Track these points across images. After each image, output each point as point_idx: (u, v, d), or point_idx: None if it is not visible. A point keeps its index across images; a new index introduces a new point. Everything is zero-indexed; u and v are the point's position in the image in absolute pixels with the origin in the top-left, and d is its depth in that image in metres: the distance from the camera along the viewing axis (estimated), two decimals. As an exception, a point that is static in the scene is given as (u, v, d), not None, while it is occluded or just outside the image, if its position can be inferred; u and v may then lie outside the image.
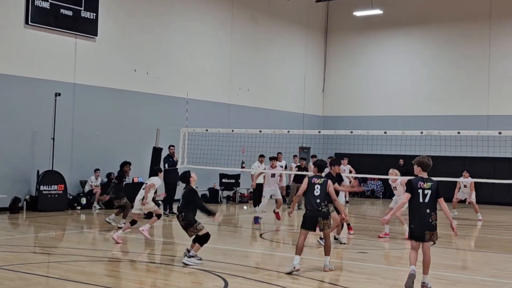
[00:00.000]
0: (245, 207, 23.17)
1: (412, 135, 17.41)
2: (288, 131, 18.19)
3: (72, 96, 20.07)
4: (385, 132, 17.01)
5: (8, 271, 9.75)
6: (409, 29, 29.57)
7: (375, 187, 29.07)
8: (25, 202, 18.65)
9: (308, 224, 10.51)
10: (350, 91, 30.70)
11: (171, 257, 11.84)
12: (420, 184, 9.05)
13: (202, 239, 10.98)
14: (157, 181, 14.14)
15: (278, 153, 22.81)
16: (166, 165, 19.01)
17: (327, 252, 10.64)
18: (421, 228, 9.00)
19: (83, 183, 20.30)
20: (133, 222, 13.72)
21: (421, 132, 16.11)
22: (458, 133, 15.64)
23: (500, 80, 27.03)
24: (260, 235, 14.94)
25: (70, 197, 19.63)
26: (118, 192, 16.03)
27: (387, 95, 29.50)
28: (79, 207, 19.62)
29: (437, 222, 9.09)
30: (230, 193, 24.78)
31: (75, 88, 20.16)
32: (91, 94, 20.60)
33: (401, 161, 26.08)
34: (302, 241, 10.45)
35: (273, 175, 17.63)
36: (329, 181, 10.72)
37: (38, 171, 18.79)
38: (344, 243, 13.69)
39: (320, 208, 10.45)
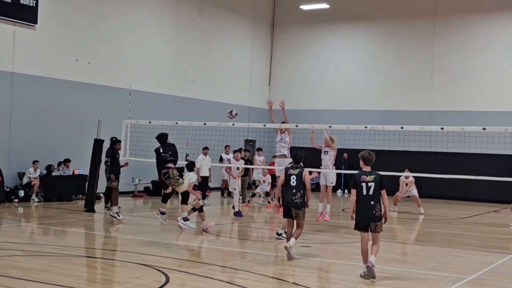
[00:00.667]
0: (205, 202, 22.88)
1: (356, 130, 17.50)
2: (233, 124, 18.03)
3: (10, 86, 19.43)
4: (330, 126, 17.06)
5: None
6: (355, 24, 29.79)
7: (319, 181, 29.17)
8: (-41, 195, 18.00)
9: (287, 213, 11.06)
10: (296, 84, 30.75)
11: (111, 251, 11.57)
12: (363, 178, 9.44)
13: (185, 196, 12.15)
14: (194, 177, 15.32)
15: (226, 146, 22.69)
16: (109, 158, 18.58)
17: (296, 236, 11.10)
18: (366, 220, 9.46)
19: (21, 175, 19.69)
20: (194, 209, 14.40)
21: (365, 127, 16.21)
22: (402, 128, 15.78)
23: (443, 76, 27.51)
24: (204, 230, 14.75)
25: (7, 190, 19.04)
26: (115, 171, 16.58)
27: (333, 89, 29.67)
28: (16, 200, 19.03)
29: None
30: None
31: (13, 77, 19.50)
32: (30, 83, 19.98)
33: (345, 155, 26.31)
34: (290, 229, 11.14)
35: (238, 168, 18.08)
36: (305, 171, 11.09)
37: (-27, 162, 18.16)
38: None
39: (294, 198, 10.86)
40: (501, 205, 23.84)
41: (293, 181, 10.98)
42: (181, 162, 22.18)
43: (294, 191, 10.94)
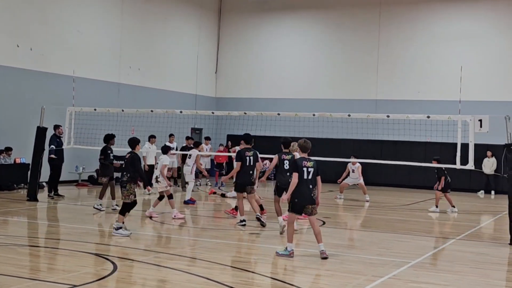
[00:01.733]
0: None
1: (305, 117, 17.62)
2: (181, 112, 17.89)
3: None
4: (279, 114, 17.10)
5: None
6: (302, 13, 29.87)
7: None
8: None
9: (280, 193, 12.49)
10: (243, 73, 30.68)
11: (55, 240, 11.35)
12: (304, 163, 10.20)
13: (126, 208, 11.83)
14: (166, 160, 14.86)
15: (170, 134, 22.49)
16: (53, 146, 18.22)
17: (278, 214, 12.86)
18: (305, 202, 10.15)
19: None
20: (161, 198, 14.72)
21: (314, 115, 16.31)
22: (349, 115, 15.95)
23: (388, 66, 27.88)
24: (150, 217, 14.62)
25: None
26: (104, 169, 16.08)
27: (281, 78, 29.70)
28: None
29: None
30: (119, 174, 24.10)
31: (-50, 63, 18.86)
32: (-31, 69, 19.36)
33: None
34: (278, 206, 12.87)
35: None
36: (296, 156, 12.15)
37: None
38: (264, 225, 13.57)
39: (289, 180, 11.21)
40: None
41: (286, 165, 12.60)
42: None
43: (288, 174, 12.21)
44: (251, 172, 13.34)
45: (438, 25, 27.25)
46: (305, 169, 10.17)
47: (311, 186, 10.19)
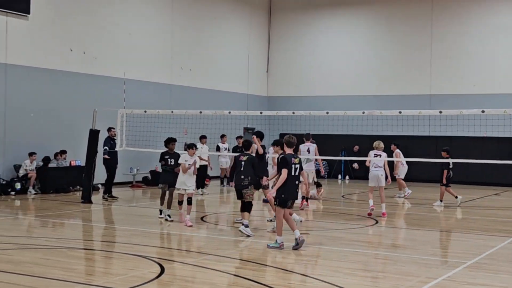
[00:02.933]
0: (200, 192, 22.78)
1: (354, 115, 17.33)
2: (229, 112, 17.84)
3: (4, 77, 19.21)
4: (327, 113, 16.84)
5: None
6: (353, 9, 29.49)
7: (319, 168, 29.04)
8: (-45, 189, 17.84)
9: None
10: (294, 71, 30.50)
11: (106, 242, 11.42)
12: (292, 160, 10.62)
13: (248, 207, 12.14)
14: (184, 158, 13.70)
15: (222, 135, 22.51)
16: (106, 147, 18.46)
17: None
18: (291, 197, 10.72)
19: (17, 168, 19.51)
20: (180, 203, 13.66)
21: (363, 112, 16.01)
22: (400, 112, 15.58)
23: (442, 59, 27.24)
24: (201, 218, 14.62)
25: (3, 182, 18.86)
26: (162, 175, 14.97)
27: (330, 75, 29.42)
28: (13, 193, 18.86)
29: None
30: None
31: (6, 68, 19.28)
32: (24, 75, 19.77)
33: (356, 147, 26.11)
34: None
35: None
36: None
37: (-32, 156, 17.98)
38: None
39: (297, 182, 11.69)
40: (501, 188, 23.71)
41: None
42: (180, 152, 22.16)
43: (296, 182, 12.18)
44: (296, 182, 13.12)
45: (493, 17, 26.47)
46: (293, 165, 10.61)
47: (297, 182, 10.82)
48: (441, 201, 17.68)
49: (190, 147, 13.75)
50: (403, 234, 13.56)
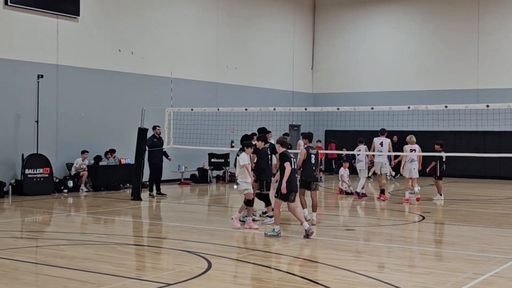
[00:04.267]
0: (235, 186, 22.95)
1: (399, 110, 17.26)
2: (274, 109, 17.98)
3: (56, 78, 19.74)
4: (372, 108, 16.83)
5: (-13, 257, 9.57)
6: (397, 4, 29.24)
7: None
8: (10, 187, 18.40)
9: (306, 185, 13.18)
10: (339, 67, 30.42)
11: (155, 238, 11.68)
12: (291, 155, 11.66)
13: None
14: (246, 158, 12.87)
15: (268, 131, 22.60)
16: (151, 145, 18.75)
17: (314, 209, 13.23)
18: (293, 190, 11.45)
19: (69, 166, 20.04)
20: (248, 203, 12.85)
21: (408, 107, 15.94)
22: (446, 107, 15.46)
23: (489, 53, 26.80)
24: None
25: (57, 180, 19.38)
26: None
27: (376, 70, 29.23)
28: (65, 190, 19.37)
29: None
30: (220, 172, 24.60)
31: (58, 69, 19.82)
32: (74, 75, 20.28)
33: (395, 138, 25.91)
34: (303, 197, 13.18)
35: None
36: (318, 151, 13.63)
37: (22, 154, 18.51)
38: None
39: (314, 174, 13.20)
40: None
41: (313, 160, 13.17)
42: (227, 149, 22.44)
43: (314, 168, 13.17)
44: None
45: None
46: (292, 159, 11.54)
47: (296, 175, 11.78)
48: (440, 194, 17.58)
49: (248, 145, 13.28)
50: (449, 230, 13.45)
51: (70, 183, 19.53)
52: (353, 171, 26.14)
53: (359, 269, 9.04)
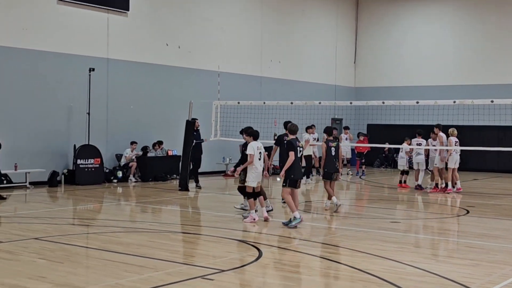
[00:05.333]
0: (278, 179, 23.27)
1: (445, 105, 17.32)
2: (320, 103, 18.24)
3: (106, 71, 20.32)
4: (417, 102, 16.95)
5: (49, 242, 10.07)
6: (442, -2, 29.08)
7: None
8: (63, 176, 19.06)
9: (328, 176, 14.23)
10: (382, 61, 30.40)
11: (205, 227, 12.04)
12: (297, 143, 12.07)
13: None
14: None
15: (312, 125, 22.84)
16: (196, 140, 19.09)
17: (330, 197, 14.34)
18: (299, 176, 12.09)
19: (118, 157, 20.62)
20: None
21: (454, 102, 16.02)
22: (492, 101, 15.49)
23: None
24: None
25: (107, 171, 19.95)
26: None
27: (420, 64, 29.11)
28: (115, 180, 19.95)
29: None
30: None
31: (108, 63, 20.39)
32: (124, 68, 20.83)
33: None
34: (328, 186, 14.26)
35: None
36: (340, 143, 14.80)
37: (74, 145, 19.14)
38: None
39: (336, 165, 14.28)
40: None
41: (333, 152, 14.17)
42: (270, 142, 22.73)
43: (334, 160, 14.21)
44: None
45: None
46: (298, 148, 12.02)
47: (301, 163, 12.31)
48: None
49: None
50: (494, 224, 13.52)
51: (120, 174, 20.10)
52: (395, 165, 26.28)
53: (405, 259, 9.21)
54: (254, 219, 12.34)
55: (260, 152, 12.47)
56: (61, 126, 19.23)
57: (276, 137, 15.24)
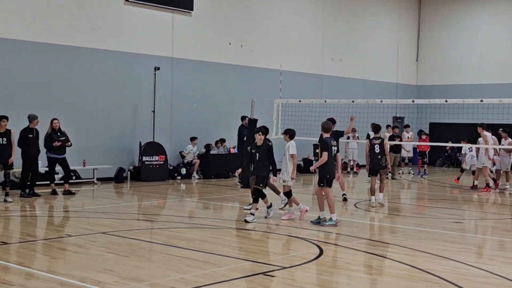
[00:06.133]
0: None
1: (510, 103, 16.96)
2: (381, 101, 18.15)
3: (171, 70, 20.75)
4: (482, 101, 16.64)
5: (115, 236, 10.43)
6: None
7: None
8: (129, 172, 19.59)
9: (374, 172, 14.55)
10: (445, 59, 29.90)
11: (267, 224, 12.20)
12: (332, 142, 11.92)
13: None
14: (294, 148, 12.69)
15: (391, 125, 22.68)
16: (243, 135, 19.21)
17: (381, 190, 14.92)
18: (333, 177, 11.96)
19: (183, 154, 21.00)
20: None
21: (520, 100, 15.69)
22: (558, 99, 15.12)
23: None
24: (355, 205, 15.11)
25: (171, 168, 20.37)
26: None
27: (483, 62, 28.51)
28: (179, 177, 20.35)
29: None
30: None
31: (173, 62, 20.82)
32: (188, 67, 21.22)
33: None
34: (374, 184, 14.57)
35: None
36: (385, 140, 14.73)
37: (140, 142, 19.64)
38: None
39: (381, 162, 14.47)
40: None
41: (377, 149, 14.39)
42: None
43: (379, 156, 14.39)
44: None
45: None
46: (332, 147, 11.88)
47: (334, 163, 12.06)
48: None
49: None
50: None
51: (183, 171, 20.50)
52: (457, 164, 25.87)
53: (469, 260, 9.14)
54: (304, 210, 12.55)
55: (284, 154, 12.77)
56: (127, 123, 19.76)
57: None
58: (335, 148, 12.08)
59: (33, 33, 17.67)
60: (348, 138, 23.46)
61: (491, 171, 18.82)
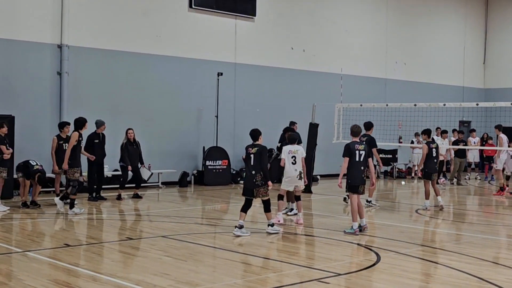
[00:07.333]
0: (403, 183, 22.99)
1: None
2: (444, 104, 17.83)
3: (233, 75, 20.99)
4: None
5: (175, 240, 10.65)
6: None
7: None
8: (192, 177, 19.93)
9: (428, 176, 14.63)
10: (513, 61, 29.09)
11: (325, 230, 12.18)
12: (356, 147, 11.29)
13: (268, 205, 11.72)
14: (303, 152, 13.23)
15: (437, 128, 22.29)
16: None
17: (438, 193, 14.84)
18: (358, 182, 11.31)
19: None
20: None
21: None
22: None
23: None
24: (416, 211, 14.91)
25: (233, 172, 20.58)
26: None
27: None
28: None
29: None
30: (388, 168, 24.67)
31: (236, 67, 21.06)
32: (250, 72, 21.43)
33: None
34: (428, 187, 14.57)
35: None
36: (432, 145, 14.74)
37: (203, 147, 19.94)
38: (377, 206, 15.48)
39: (436, 166, 14.71)
40: None
41: (434, 153, 14.55)
42: (395, 145, 22.51)
43: (435, 160, 14.62)
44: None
45: None
46: (357, 152, 11.20)
47: (362, 168, 11.32)
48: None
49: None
50: None
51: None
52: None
53: (531, 270, 8.94)
54: (279, 221, 12.54)
55: (293, 157, 12.63)
56: (191, 128, 20.11)
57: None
58: (363, 152, 11.28)
59: (101, 41, 18.24)
60: (412, 142, 23.22)
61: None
